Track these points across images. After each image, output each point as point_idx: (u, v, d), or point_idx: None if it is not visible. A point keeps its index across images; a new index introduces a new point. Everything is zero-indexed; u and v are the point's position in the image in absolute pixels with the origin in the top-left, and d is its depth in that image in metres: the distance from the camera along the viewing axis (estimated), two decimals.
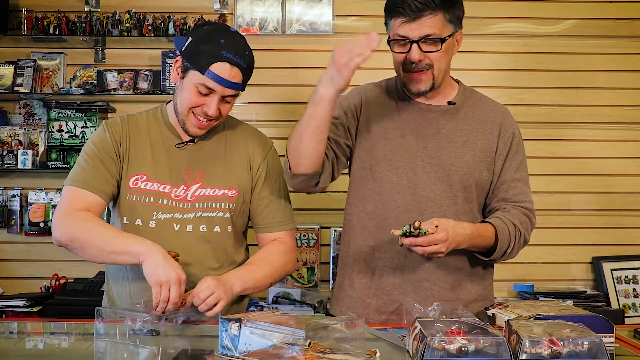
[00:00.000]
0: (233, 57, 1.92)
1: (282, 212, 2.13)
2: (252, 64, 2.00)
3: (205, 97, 1.95)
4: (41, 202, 3.64)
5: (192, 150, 2.07)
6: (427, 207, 2.01)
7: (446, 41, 1.96)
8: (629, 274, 3.70)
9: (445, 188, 2.02)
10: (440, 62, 1.98)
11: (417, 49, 1.94)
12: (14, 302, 3.33)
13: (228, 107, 2.02)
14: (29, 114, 3.75)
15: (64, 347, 1.81)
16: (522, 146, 2.12)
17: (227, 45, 1.92)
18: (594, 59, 3.76)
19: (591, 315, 1.66)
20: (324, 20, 3.73)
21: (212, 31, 1.98)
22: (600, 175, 3.76)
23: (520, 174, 2.09)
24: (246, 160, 2.10)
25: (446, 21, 1.96)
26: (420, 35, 1.93)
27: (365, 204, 2.07)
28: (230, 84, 1.94)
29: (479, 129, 2.07)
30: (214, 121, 2.01)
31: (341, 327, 1.49)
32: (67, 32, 3.58)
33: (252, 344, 1.45)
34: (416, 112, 2.07)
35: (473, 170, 2.04)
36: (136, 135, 2.05)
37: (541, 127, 3.72)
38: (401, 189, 2.03)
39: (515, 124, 2.12)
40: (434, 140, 2.04)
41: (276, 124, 3.72)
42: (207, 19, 3.58)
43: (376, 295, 2.06)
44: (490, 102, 2.15)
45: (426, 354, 1.37)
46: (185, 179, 2.03)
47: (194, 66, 1.93)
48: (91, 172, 1.98)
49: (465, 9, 2.03)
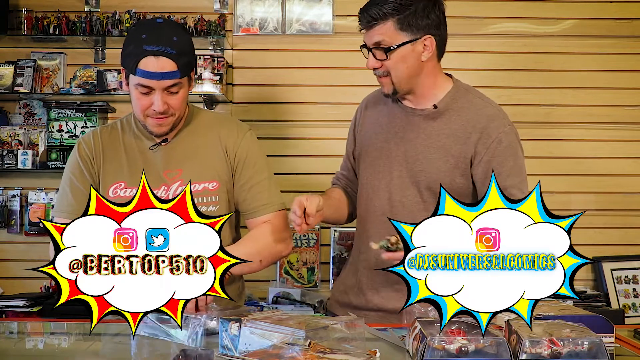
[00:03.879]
0: (156, 48, 1.90)
1: (267, 194, 2.10)
2: (184, 48, 1.95)
3: (148, 95, 1.94)
4: (41, 202, 3.64)
5: (166, 150, 2.08)
6: (399, 211, 2.03)
7: (400, 48, 1.96)
8: (629, 274, 3.70)
9: (416, 193, 2.04)
10: (396, 70, 1.99)
11: (371, 56, 2.01)
12: (14, 302, 3.33)
13: (177, 97, 1.97)
14: (29, 114, 3.75)
15: (64, 347, 1.81)
16: (513, 151, 2.01)
17: (148, 38, 1.91)
18: (593, 59, 3.76)
19: (591, 315, 1.66)
20: (324, 20, 3.73)
21: (135, 30, 2.00)
22: (600, 175, 3.76)
23: (512, 181, 1.99)
24: (221, 149, 2.09)
25: (396, 29, 1.96)
26: (371, 44, 2.00)
27: (360, 207, 2.17)
28: (162, 75, 1.91)
29: (458, 133, 2.02)
30: (170, 116, 1.99)
31: (341, 327, 1.49)
32: (67, 32, 3.58)
33: (252, 344, 1.45)
34: (403, 116, 2.10)
35: (444, 177, 2.00)
36: (110, 146, 2.09)
37: (540, 127, 3.72)
38: (379, 193, 2.08)
39: (505, 128, 2.01)
40: (412, 145, 2.06)
41: (276, 124, 3.72)
42: (207, 19, 3.58)
43: (356, 294, 2.12)
44: (480, 105, 2.06)
45: (426, 354, 1.37)
46: (165, 180, 2.05)
47: (128, 69, 1.95)
48: (72, 199, 2.05)
49: (465, 9, 2.03)
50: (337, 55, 3.72)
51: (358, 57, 2.13)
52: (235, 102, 3.71)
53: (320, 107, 3.71)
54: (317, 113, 3.71)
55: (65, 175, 2.10)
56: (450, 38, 2.09)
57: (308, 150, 3.68)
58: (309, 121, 3.72)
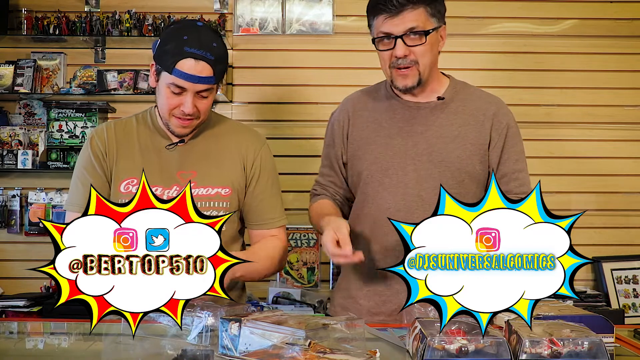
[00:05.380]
0: (197, 52, 1.91)
1: (275, 208, 2.14)
2: (221, 55, 1.97)
3: (179, 96, 1.95)
4: (41, 202, 3.64)
5: (182, 150, 2.07)
6: (418, 206, 2.01)
7: (430, 34, 1.97)
8: (629, 274, 3.70)
9: (436, 185, 2.00)
10: (425, 57, 1.99)
11: (401, 44, 1.96)
12: (14, 302, 3.33)
13: (206, 102, 1.99)
14: (29, 114, 3.75)
15: (64, 347, 1.81)
16: (519, 137, 2.10)
17: (190, 41, 1.91)
18: (593, 59, 3.76)
19: (591, 315, 1.66)
20: (324, 20, 3.73)
21: (176, 29, 1.98)
22: (600, 175, 3.77)
23: (521, 165, 2.08)
24: (239, 158, 2.10)
25: (428, 15, 1.97)
26: (404, 30, 1.95)
27: (363, 207, 2.10)
28: (199, 78, 1.92)
29: (471, 121, 2.06)
30: (195, 119, 2.00)
31: (341, 327, 1.49)
32: (67, 32, 3.59)
33: (252, 344, 1.45)
34: (405, 111, 2.08)
35: (465, 165, 2.03)
36: (125, 140, 2.07)
37: (541, 127, 3.73)
38: (391, 190, 2.04)
39: (510, 114, 2.10)
40: (423, 137, 2.04)
41: (276, 124, 3.72)
42: (207, 19, 3.59)
43: (368, 296, 2.07)
44: (483, 95, 2.13)
45: (426, 354, 1.37)
46: (177, 180, 2.04)
47: (163, 67, 1.94)
48: (83, 194, 2.04)
49: (465, 9, 2.04)
50: (337, 55, 3.72)
51: (358, 57, 2.13)
52: (235, 102, 3.72)
53: (321, 107, 3.71)
54: (318, 113, 3.71)
55: (77, 168, 2.09)
56: (450, 38, 2.10)
57: (308, 150, 3.68)
58: (309, 121, 3.72)
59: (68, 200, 2.09)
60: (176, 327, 1.64)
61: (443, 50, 2.08)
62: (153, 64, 2.00)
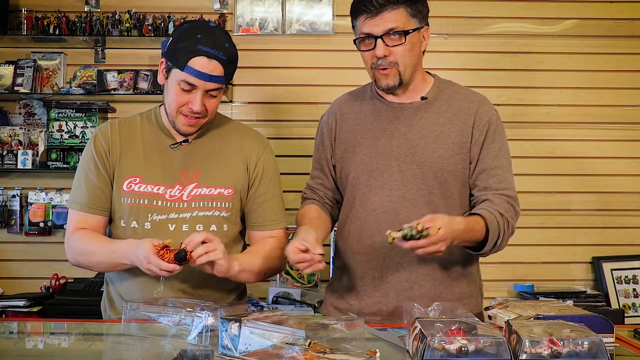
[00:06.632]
0: (210, 51, 1.93)
1: (278, 210, 2.15)
2: (233, 56, 2.00)
3: (189, 93, 1.96)
4: (41, 202, 3.64)
5: (186, 150, 2.08)
6: (403, 207, 2.01)
7: (410, 35, 1.97)
8: (629, 274, 3.70)
9: (419, 185, 2.01)
10: (405, 58, 1.99)
11: (381, 44, 1.97)
12: (14, 302, 3.33)
13: (214, 101, 2.02)
14: (29, 114, 3.75)
15: (64, 347, 1.81)
16: (501, 133, 2.07)
17: (204, 39, 1.93)
18: (593, 58, 3.76)
19: (591, 315, 1.66)
20: (324, 20, 3.73)
21: (189, 28, 2.00)
22: (600, 175, 3.77)
23: (500, 161, 2.04)
24: (242, 159, 2.11)
25: (409, 15, 1.97)
26: (384, 30, 1.96)
27: (351, 209, 2.10)
28: (211, 77, 1.94)
29: (454, 121, 2.05)
30: (203, 118, 2.01)
31: (341, 327, 1.49)
32: (67, 32, 3.59)
33: (252, 344, 1.45)
34: (389, 112, 2.09)
35: (448, 164, 2.02)
36: (129, 139, 2.08)
37: (541, 127, 3.73)
38: (377, 191, 2.04)
39: (493, 111, 2.08)
40: (406, 138, 2.05)
41: (276, 124, 3.72)
42: (207, 19, 3.58)
43: (358, 297, 2.07)
44: (468, 93, 2.12)
45: (426, 354, 1.37)
46: (180, 179, 2.04)
47: (175, 64, 1.95)
48: (86, 192, 2.05)
49: (465, 9, 2.03)
50: (337, 55, 3.72)
51: (358, 57, 2.13)
52: (236, 102, 3.71)
53: (321, 107, 3.69)
54: (318, 113, 3.65)
55: (81, 166, 2.10)
56: (450, 38, 2.10)
57: (308, 150, 3.66)
58: (309, 121, 3.71)
59: (71, 197, 2.10)
60: (176, 327, 1.65)
61: (443, 50, 2.08)
62: (162, 61, 2.01)
